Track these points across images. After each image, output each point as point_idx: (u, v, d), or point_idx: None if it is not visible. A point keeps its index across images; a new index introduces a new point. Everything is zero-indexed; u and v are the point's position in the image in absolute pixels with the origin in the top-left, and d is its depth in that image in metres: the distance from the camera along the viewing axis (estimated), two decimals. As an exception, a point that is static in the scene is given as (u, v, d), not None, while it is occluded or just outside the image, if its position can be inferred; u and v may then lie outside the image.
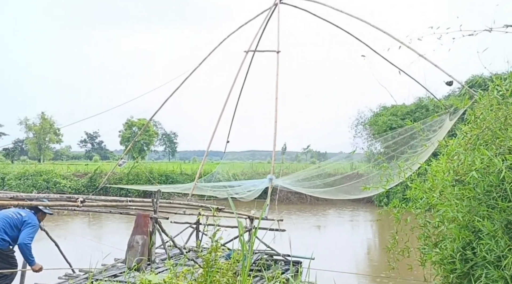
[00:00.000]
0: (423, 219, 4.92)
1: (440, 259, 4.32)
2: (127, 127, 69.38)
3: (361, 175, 16.46)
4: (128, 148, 20.63)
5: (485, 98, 4.29)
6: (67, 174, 27.70)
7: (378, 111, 28.36)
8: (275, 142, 12.65)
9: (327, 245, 15.29)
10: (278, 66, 13.31)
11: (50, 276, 7.57)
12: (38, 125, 68.13)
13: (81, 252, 6.44)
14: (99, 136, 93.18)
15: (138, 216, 7.97)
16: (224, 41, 13.67)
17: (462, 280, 4.13)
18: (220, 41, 13.70)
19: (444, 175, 4.42)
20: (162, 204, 8.41)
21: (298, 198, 27.20)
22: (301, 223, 20.11)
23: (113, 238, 14.11)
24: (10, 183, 24.83)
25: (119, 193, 25.00)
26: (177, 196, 22.09)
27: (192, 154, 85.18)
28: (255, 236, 4.25)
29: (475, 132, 4.19)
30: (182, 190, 16.73)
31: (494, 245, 3.46)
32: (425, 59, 10.46)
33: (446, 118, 10.87)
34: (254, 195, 13.46)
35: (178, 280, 4.29)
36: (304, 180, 15.36)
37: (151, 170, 29.43)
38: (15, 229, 5.96)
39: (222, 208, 9.19)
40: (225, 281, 4.22)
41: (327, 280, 4.88)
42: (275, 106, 12.86)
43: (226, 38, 13.62)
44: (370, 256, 14.09)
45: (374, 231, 19.02)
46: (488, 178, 3.71)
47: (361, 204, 25.86)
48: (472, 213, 3.86)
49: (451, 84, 11.26)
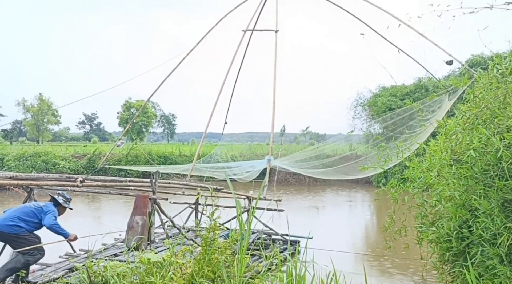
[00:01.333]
0: (420, 198, 4.95)
1: (436, 238, 4.36)
2: (126, 108, 69.13)
3: (360, 156, 16.48)
4: (126, 128, 20.54)
5: (484, 77, 4.26)
6: (66, 155, 27.70)
7: (378, 92, 28.20)
8: (273, 122, 12.63)
9: (325, 225, 15.42)
10: (276, 46, 13.19)
11: (51, 256, 7.65)
12: (36, 107, 67.83)
13: (82, 232, 6.47)
14: (97, 118, 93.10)
15: (137, 197, 8.02)
16: (222, 20, 13.49)
17: (458, 258, 4.18)
18: (217, 20, 13.52)
19: (442, 154, 4.42)
20: (161, 184, 8.45)
21: (296, 179, 27.31)
22: (299, 204, 20.24)
23: (112, 218, 14.20)
24: (9, 164, 24.83)
25: (118, 174, 25.04)
26: (176, 177, 22.15)
27: (191, 135, 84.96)
28: (252, 216, 4.28)
29: (474, 111, 4.17)
30: (181, 171, 16.76)
31: (490, 223, 3.49)
32: (425, 38, 10.36)
33: (445, 98, 10.81)
34: (252, 176, 13.50)
35: (177, 258, 4.34)
36: (303, 161, 15.40)
37: (150, 151, 29.43)
38: (33, 217, 6.10)
39: (221, 188, 9.24)
40: (223, 259, 4.26)
41: (324, 259, 4.93)
42: (273, 87, 12.81)
43: (224, 17, 13.44)
44: (368, 236, 14.23)
45: (372, 211, 19.16)
46: (485, 157, 3.71)
47: (359, 184, 25.99)
48: (469, 191, 3.88)
49: (451, 64, 11.16)
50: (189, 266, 4.17)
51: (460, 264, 3.98)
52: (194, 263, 4.27)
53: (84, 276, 4.14)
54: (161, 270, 4.14)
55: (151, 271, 4.13)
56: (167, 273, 4.07)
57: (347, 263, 8.28)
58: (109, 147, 29.76)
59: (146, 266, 4.22)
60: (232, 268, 4.20)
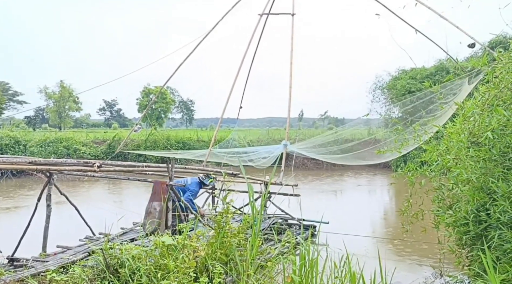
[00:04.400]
0: (438, 181, 4.86)
1: (453, 221, 4.29)
2: (144, 95, 69.74)
3: (379, 141, 16.27)
4: (144, 113, 20.71)
5: (505, 57, 4.11)
6: (87, 141, 28.16)
7: (397, 75, 27.68)
8: (290, 107, 12.53)
9: (343, 209, 15.36)
10: (293, 30, 13.02)
11: (72, 239, 7.85)
12: (58, 94, 68.96)
13: (102, 217, 6.60)
14: (117, 104, 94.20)
15: (155, 183, 8.13)
16: (237, 3, 13.34)
17: (475, 241, 4.10)
18: (233, 4, 13.39)
19: (460, 136, 4.31)
20: (177, 170, 8.52)
21: (314, 163, 27.20)
22: (317, 189, 20.19)
23: (132, 203, 14.44)
24: (31, 150, 25.37)
25: (137, 160, 25.38)
26: (194, 162, 22.34)
27: (210, 121, 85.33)
28: (265, 199, 4.27)
29: (493, 92, 4.04)
30: (197, 156, 16.82)
31: (509, 207, 3.41)
32: (444, 19, 10.04)
33: (465, 82, 10.52)
34: (269, 162, 13.47)
35: (191, 241, 4.38)
36: (320, 146, 15.25)
37: (168, 137, 29.67)
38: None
39: (237, 173, 9.26)
40: (236, 242, 4.28)
41: (340, 243, 4.91)
42: (289, 72, 12.68)
43: (239, 1, 13.29)
44: (386, 220, 14.12)
45: (390, 196, 18.99)
46: (504, 139, 3.61)
47: (378, 169, 25.74)
48: (487, 174, 3.78)
49: (473, 47, 10.80)
50: (202, 249, 4.21)
51: (478, 248, 3.91)
52: (207, 246, 4.31)
53: (100, 259, 4.22)
54: (175, 253, 4.19)
55: (166, 253, 4.19)
56: (180, 256, 4.12)
57: (363, 247, 8.24)
58: (128, 133, 30.15)
59: (160, 249, 4.28)
60: (245, 251, 4.22)
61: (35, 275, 5.03)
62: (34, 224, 7.23)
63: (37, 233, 7.15)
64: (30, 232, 7.20)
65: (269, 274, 4.32)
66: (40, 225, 7.13)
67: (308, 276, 4.04)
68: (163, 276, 4.05)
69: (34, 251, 6.88)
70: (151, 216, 7.67)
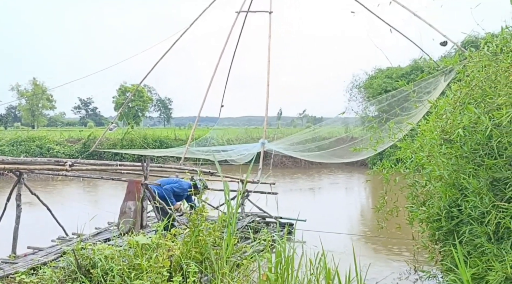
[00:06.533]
0: (412, 178, 4.93)
1: (427, 217, 4.36)
2: (121, 93, 68.55)
3: (355, 138, 16.45)
4: (119, 111, 20.37)
5: (475, 56, 4.18)
6: (61, 140, 27.56)
7: (373, 74, 28.03)
8: (267, 105, 12.53)
9: (320, 207, 15.48)
10: (270, 28, 13.01)
11: (44, 240, 7.65)
12: (30, 91, 67.24)
13: (76, 217, 6.45)
14: (93, 103, 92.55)
15: (129, 182, 7.97)
16: (215, 1, 13.25)
17: (447, 237, 4.17)
18: (210, 2, 13.29)
19: (432, 134, 4.38)
20: (152, 169, 8.40)
21: (293, 162, 27.33)
22: (295, 187, 20.29)
23: (107, 202, 14.19)
24: (2, 149, 24.68)
25: (113, 159, 24.95)
26: (171, 161, 22.12)
27: (188, 120, 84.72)
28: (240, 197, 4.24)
29: (465, 90, 4.10)
30: (174, 154, 16.67)
31: (479, 202, 3.47)
32: (418, 17, 10.21)
33: (441, 79, 10.72)
34: (246, 159, 13.45)
35: (166, 240, 4.31)
36: (298, 144, 15.32)
37: (145, 135, 29.33)
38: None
39: (214, 171, 9.20)
40: (211, 240, 4.24)
41: (317, 240, 4.93)
42: (267, 70, 12.67)
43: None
44: (363, 217, 14.30)
45: (367, 193, 19.24)
46: (475, 136, 3.67)
47: (355, 167, 26.04)
48: (459, 171, 3.84)
49: (446, 45, 11.01)
50: (176, 248, 4.16)
51: (450, 243, 3.98)
52: (182, 245, 4.26)
53: (72, 260, 4.12)
54: (148, 252, 4.12)
55: (140, 253, 4.11)
56: (153, 255, 4.05)
57: (340, 244, 8.31)
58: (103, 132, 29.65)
59: (134, 249, 4.20)
60: (221, 250, 4.19)
61: (3, 277, 4.88)
62: (4, 225, 7.00)
63: (6, 234, 6.94)
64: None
65: (244, 272, 4.30)
66: (10, 226, 6.92)
67: (284, 273, 4.04)
68: (136, 276, 3.97)
69: (3, 252, 6.65)
70: (126, 216, 7.53)
